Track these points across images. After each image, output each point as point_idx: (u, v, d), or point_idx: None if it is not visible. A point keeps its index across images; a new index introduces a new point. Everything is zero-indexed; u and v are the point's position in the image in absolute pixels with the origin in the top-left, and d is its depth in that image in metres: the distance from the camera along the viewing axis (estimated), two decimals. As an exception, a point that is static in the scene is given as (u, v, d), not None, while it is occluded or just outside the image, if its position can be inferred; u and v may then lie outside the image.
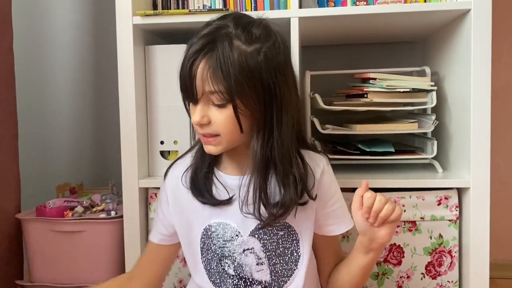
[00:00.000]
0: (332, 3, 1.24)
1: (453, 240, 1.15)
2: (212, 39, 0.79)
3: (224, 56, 0.77)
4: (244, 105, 0.79)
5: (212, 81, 0.77)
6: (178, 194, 0.93)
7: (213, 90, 0.78)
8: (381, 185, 1.13)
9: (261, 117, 0.81)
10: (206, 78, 0.78)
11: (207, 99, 0.80)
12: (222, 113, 0.80)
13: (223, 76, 0.76)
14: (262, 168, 0.83)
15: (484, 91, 1.08)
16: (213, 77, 0.77)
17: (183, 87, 0.82)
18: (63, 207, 1.32)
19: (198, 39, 0.80)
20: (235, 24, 0.81)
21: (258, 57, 0.79)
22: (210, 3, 1.22)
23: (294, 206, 0.84)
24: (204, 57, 0.78)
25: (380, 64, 1.53)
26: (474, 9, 1.07)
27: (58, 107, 1.72)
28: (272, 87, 0.80)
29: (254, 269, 0.88)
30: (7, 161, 1.37)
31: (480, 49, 1.08)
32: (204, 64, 0.78)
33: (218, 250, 0.89)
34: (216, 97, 0.79)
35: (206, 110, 0.81)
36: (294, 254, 0.89)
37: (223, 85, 0.77)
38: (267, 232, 0.87)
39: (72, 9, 1.70)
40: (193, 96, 0.80)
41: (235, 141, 0.84)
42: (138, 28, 1.18)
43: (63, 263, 1.30)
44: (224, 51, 0.77)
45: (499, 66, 1.76)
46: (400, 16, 1.15)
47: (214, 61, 0.77)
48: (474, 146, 1.09)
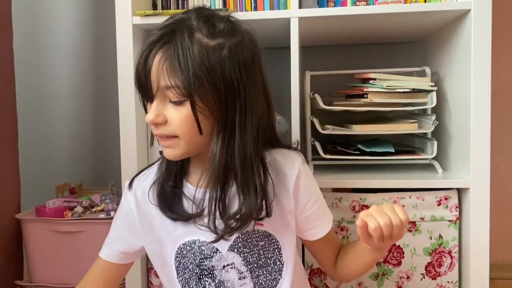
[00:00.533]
0: (332, 3, 1.24)
1: (453, 240, 1.14)
2: (171, 30, 0.73)
3: (183, 48, 0.71)
4: (203, 103, 0.73)
5: (169, 75, 0.71)
6: (146, 211, 0.86)
7: (169, 85, 0.71)
8: (381, 185, 1.14)
9: (222, 117, 0.75)
10: (161, 72, 0.71)
11: (163, 95, 0.74)
12: (179, 111, 0.73)
13: (180, 70, 0.70)
14: (220, 174, 0.76)
15: (484, 91, 1.08)
16: (169, 70, 0.71)
17: (137, 82, 0.75)
18: (63, 207, 1.32)
19: (157, 30, 0.74)
20: (198, 17, 0.75)
21: (221, 52, 0.73)
22: (210, 3, 1.22)
23: (252, 217, 0.78)
24: (160, 49, 0.72)
25: (380, 64, 1.53)
26: (474, 9, 1.07)
27: (57, 107, 1.72)
28: (235, 85, 0.74)
29: (237, 284, 0.83)
30: (7, 161, 1.37)
31: (480, 49, 1.08)
32: (160, 56, 0.72)
33: (196, 268, 0.83)
34: (172, 92, 0.72)
35: (162, 108, 0.74)
36: (278, 263, 0.85)
37: (180, 80, 0.71)
38: (246, 245, 0.82)
39: (72, 9, 1.70)
40: (148, 92, 0.74)
41: (195, 145, 0.77)
42: (137, 28, 1.18)
43: (62, 263, 1.30)
44: (183, 43, 0.71)
45: (499, 66, 1.76)
46: (400, 16, 1.15)
47: (171, 53, 0.71)
48: (474, 147, 1.09)
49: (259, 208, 0.78)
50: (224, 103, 0.74)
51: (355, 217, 1.15)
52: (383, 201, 1.14)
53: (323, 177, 1.17)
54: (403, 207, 1.12)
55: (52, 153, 1.71)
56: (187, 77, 0.70)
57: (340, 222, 1.16)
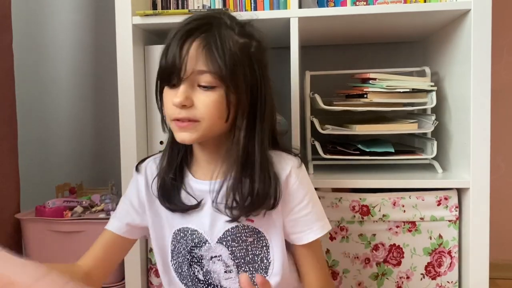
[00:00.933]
0: (331, 3, 1.24)
1: (452, 240, 1.14)
2: (208, 22, 0.79)
3: (221, 39, 0.76)
4: (233, 91, 0.78)
5: (207, 60, 0.76)
6: (153, 195, 0.89)
7: (205, 70, 0.76)
8: (381, 185, 1.13)
9: (246, 109, 0.80)
10: (200, 56, 0.76)
11: (192, 81, 0.77)
12: (208, 97, 0.77)
13: (218, 57, 0.75)
14: (241, 161, 0.80)
15: (484, 91, 1.08)
16: (208, 55, 0.76)
17: (170, 64, 0.77)
18: (63, 207, 1.32)
19: (192, 20, 0.79)
20: (229, 17, 0.82)
21: (249, 49, 0.80)
22: (210, 3, 1.22)
23: (267, 202, 0.81)
24: (199, 36, 0.77)
25: (380, 64, 1.53)
26: (474, 9, 1.07)
27: (57, 106, 1.72)
28: (258, 79, 0.81)
29: (223, 276, 0.86)
30: (7, 161, 1.37)
31: (480, 49, 1.08)
32: (199, 43, 0.76)
33: (187, 255, 0.87)
34: (206, 77, 0.76)
35: (190, 92, 0.78)
36: (264, 261, 0.86)
37: (216, 66, 0.75)
38: (235, 239, 0.84)
39: (71, 9, 1.70)
40: (179, 75, 0.77)
41: (212, 132, 0.80)
42: (137, 28, 1.18)
43: (62, 263, 1.29)
44: (221, 35, 0.77)
45: (500, 66, 1.76)
46: (400, 16, 1.15)
47: (211, 41, 0.76)
48: (474, 147, 1.09)
49: (274, 193, 0.82)
50: (249, 95, 0.81)
51: (355, 217, 1.15)
52: (383, 201, 1.14)
53: (323, 177, 1.17)
54: (403, 207, 1.13)
55: (52, 153, 1.71)
56: (223, 64, 0.75)
57: (340, 222, 1.16)
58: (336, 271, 1.17)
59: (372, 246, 1.16)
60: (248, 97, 0.80)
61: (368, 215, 1.14)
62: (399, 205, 1.14)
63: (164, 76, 0.80)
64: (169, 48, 0.78)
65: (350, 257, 1.17)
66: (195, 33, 0.77)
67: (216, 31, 0.77)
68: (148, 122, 1.23)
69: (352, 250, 1.16)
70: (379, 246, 1.16)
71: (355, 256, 1.16)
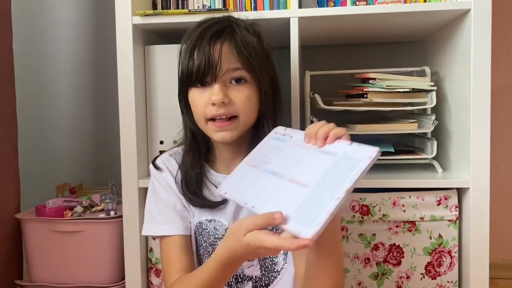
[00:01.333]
0: (331, 3, 1.24)
1: (452, 240, 1.14)
2: (229, 24, 0.86)
3: (244, 39, 0.84)
4: (262, 85, 0.86)
5: (239, 58, 0.83)
6: (176, 190, 0.92)
7: (239, 66, 0.83)
8: (381, 185, 1.13)
9: (271, 102, 0.88)
10: (231, 55, 0.83)
11: (225, 79, 0.83)
12: (242, 92, 0.84)
13: (248, 54, 0.83)
14: None
15: (484, 91, 1.08)
16: (239, 53, 0.83)
17: (200, 67, 0.82)
18: (63, 207, 1.32)
19: (212, 24, 0.86)
20: (241, 20, 0.89)
21: (264, 47, 0.89)
22: (210, 3, 1.22)
23: None
24: (226, 38, 0.83)
25: (380, 64, 1.53)
26: (474, 9, 1.07)
27: (57, 106, 1.72)
28: (275, 76, 0.91)
29: (245, 265, 0.89)
30: (7, 161, 1.37)
31: (480, 49, 1.08)
32: (228, 43, 0.83)
33: (209, 247, 0.90)
34: (240, 73, 0.83)
35: (226, 90, 0.83)
36: (284, 251, 0.89)
37: (248, 62, 0.83)
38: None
39: (72, 9, 1.70)
40: (215, 74, 0.82)
41: (247, 127, 0.87)
42: (137, 28, 1.18)
43: (62, 263, 1.30)
44: (243, 36, 0.85)
45: (500, 66, 1.76)
46: (399, 16, 1.15)
47: (238, 41, 0.83)
48: (474, 147, 1.09)
49: None
50: (272, 88, 0.89)
51: (355, 216, 1.15)
52: (382, 201, 1.14)
53: (323, 177, 1.17)
54: (403, 206, 1.13)
55: (52, 152, 1.71)
56: (253, 60, 0.84)
57: (340, 221, 1.16)
58: (336, 271, 1.17)
59: (372, 245, 1.16)
60: (272, 90, 0.89)
61: (368, 214, 1.14)
62: (399, 205, 1.14)
63: (195, 77, 0.83)
64: (195, 51, 0.83)
65: (350, 256, 1.17)
66: (222, 35, 0.83)
67: (238, 32, 0.85)
68: (148, 122, 1.23)
69: (352, 249, 1.16)
70: (379, 245, 1.16)
71: (355, 256, 1.16)
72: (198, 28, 0.86)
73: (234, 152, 0.91)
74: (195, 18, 1.13)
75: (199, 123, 0.87)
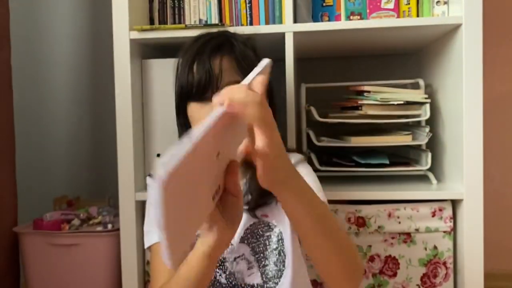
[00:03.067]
0: (326, 17, 1.26)
1: (447, 251, 1.15)
2: (226, 39, 0.88)
3: (242, 53, 0.87)
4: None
5: (238, 72, 0.85)
6: None
7: (238, 80, 0.81)
8: (376, 197, 1.15)
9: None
10: (232, 69, 0.85)
11: None
12: None
13: (247, 67, 0.84)
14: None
15: (476, 103, 1.10)
16: (239, 67, 0.85)
17: (201, 81, 0.83)
18: (60, 220, 1.32)
19: (210, 39, 0.87)
20: (237, 35, 0.91)
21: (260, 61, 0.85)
22: (206, 18, 1.24)
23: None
24: (226, 52, 0.85)
25: (374, 76, 1.54)
26: (466, 24, 1.09)
27: (55, 120, 1.73)
28: (271, 90, 0.92)
29: (246, 273, 0.90)
30: (4, 174, 1.37)
31: (471, 62, 1.10)
32: (228, 57, 0.85)
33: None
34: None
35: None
36: (281, 254, 0.89)
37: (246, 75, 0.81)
38: (253, 235, 0.89)
39: (69, 24, 1.71)
40: (216, 88, 0.82)
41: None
42: (135, 42, 1.19)
43: (60, 275, 1.30)
44: (241, 50, 0.87)
45: (493, 78, 1.78)
46: (393, 30, 1.17)
47: (237, 54, 0.86)
48: (467, 158, 1.10)
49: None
50: (270, 100, 0.88)
51: (351, 228, 1.16)
52: (378, 213, 1.15)
53: (318, 189, 1.18)
54: (398, 218, 1.14)
55: (49, 165, 1.72)
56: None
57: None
58: (332, 283, 1.18)
59: (368, 257, 1.16)
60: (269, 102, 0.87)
61: (363, 226, 1.15)
62: (394, 217, 1.15)
63: (196, 91, 0.84)
64: (194, 65, 0.84)
65: (346, 268, 1.17)
66: (221, 49, 0.85)
67: (236, 47, 0.87)
68: (145, 136, 1.24)
69: (348, 261, 1.17)
70: (374, 257, 1.16)
71: (351, 268, 1.17)
72: (196, 43, 0.88)
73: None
74: (192, 33, 1.14)
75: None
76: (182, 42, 1.20)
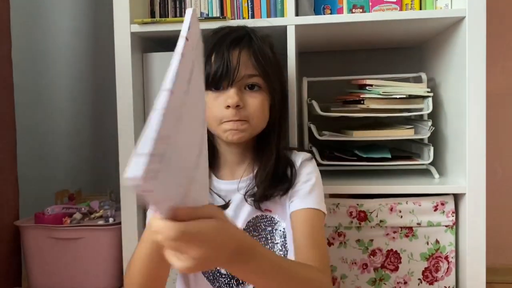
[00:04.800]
0: (328, 10, 1.25)
1: (449, 245, 1.15)
2: (246, 33, 0.90)
3: (261, 48, 0.88)
4: (274, 92, 0.90)
5: (255, 65, 0.86)
6: None
7: (255, 73, 0.87)
8: (378, 191, 1.14)
9: (280, 111, 0.92)
10: (248, 62, 0.86)
11: (241, 84, 0.86)
12: (256, 98, 0.87)
13: (264, 62, 0.87)
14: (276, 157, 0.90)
15: (479, 97, 1.09)
16: (256, 61, 0.86)
17: (218, 71, 0.85)
18: (62, 214, 1.32)
19: (230, 32, 0.89)
20: (255, 30, 0.93)
21: (277, 58, 0.93)
22: (208, 11, 1.23)
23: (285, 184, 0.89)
24: (245, 45, 0.87)
25: (377, 70, 1.53)
26: (469, 16, 1.08)
27: (56, 114, 1.72)
28: (285, 86, 0.96)
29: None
30: (6, 168, 1.37)
31: (475, 55, 1.09)
32: (246, 51, 0.87)
33: None
34: (255, 80, 0.87)
35: (241, 95, 0.86)
36: (283, 250, 0.89)
37: (264, 70, 0.87)
38: (256, 229, 0.90)
39: (70, 17, 1.71)
40: (232, 79, 0.85)
41: (258, 131, 0.90)
42: (136, 36, 1.19)
43: (61, 269, 1.30)
44: (260, 45, 0.89)
45: (496, 71, 1.76)
46: (396, 23, 1.16)
47: (255, 49, 0.87)
48: (470, 152, 1.10)
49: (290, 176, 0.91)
50: (281, 98, 0.93)
51: (352, 222, 1.16)
52: (380, 207, 1.14)
53: (320, 183, 1.18)
54: (400, 212, 1.13)
55: (50, 159, 1.72)
56: (268, 69, 0.88)
57: (338, 227, 1.17)
58: (334, 277, 1.18)
59: (369, 251, 1.16)
60: (282, 99, 0.94)
61: (365, 220, 1.15)
62: (396, 211, 1.14)
63: (211, 81, 0.86)
64: (212, 56, 0.86)
65: (347, 262, 1.17)
66: (241, 42, 0.87)
67: (255, 42, 0.89)
68: (146, 129, 1.23)
69: (349, 255, 1.17)
70: (376, 251, 1.16)
71: (353, 262, 1.17)
72: (215, 35, 0.90)
73: (239, 158, 0.93)
74: (193, 26, 1.14)
75: (211, 125, 0.88)
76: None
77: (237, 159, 0.93)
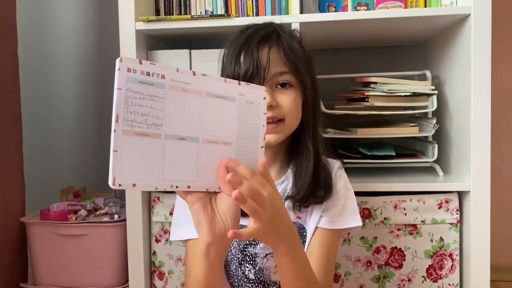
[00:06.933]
0: (333, 8, 1.25)
1: (454, 243, 1.15)
2: (275, 30, 0.87)
3: (290, 43, 0.86)
4: (306, 89, 0.87)
5: (286, 62, 0.84)
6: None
7: (286, 71, 0.84)
8: (382, 188, 1.14)
9: (313, 107, 0.89)
10: (279, 60, 0.84)
11: (272, 83, 0.85)
12: (288, 95, 0.85)
13: (295, 59, 0.85)
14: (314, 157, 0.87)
15: (484, 95, 1.09)
16: (286, 58, 0.84)
17: (248, 70, 0.82)
18: (67, 210, 1.33)
19: (258, 29, 0.87)
20: (283, 26, 0.91)
21: (306, 54, 0.90)
22: (212, 9, 1.23)
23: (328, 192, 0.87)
24: (274, 43, 0.85)
25: (381, 68, 1.54)
26: (474, 14, 1.08)
27: (61, 111, 1.73)
28: (316, 82, 0.91)
29: (272, 271, 0.89)
30: (12, 165, 1.38)
31: (480, 53, 1.08)
32: (276, 48, 0.84)
33: (238, 253, 0.88)
34: (287, 77, 0.85)
35: (272, 94, 0.84)
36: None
37: (295, 67, 0.85)
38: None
39: (75, 15, 1.72)
40: (263, 78, 0.83)
41: (292, 129, 0.87)
42: (141, 33, 1.19)
43: (66, 266, 1.31)
44: (289, 42, 0.86)
45: (501, 69, 1.76)
46: (400, 21, 1.16)
47: (285, 46, 0.85)
48: (474, 150, 1.10)
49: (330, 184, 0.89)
50: (314, 94, 0.89)
51: (357, 220, 1.16)
52: (384, 204, 1.15)
53: (324, 180, 1.18)
54: (404, 210, 1.13)
55: (56, 157, 1.73)
56: (300, 65, 0.85)
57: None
58: (338, 274, 1.18)
59: (373, 249, 1.17)
60: (314, 96, 0.89)
61: (369, 218, 1.15)
62: (400, 208, 1.14)
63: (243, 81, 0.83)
64: (241, 55, 0.84)
65: (351, 260, 1.17)
66: (269, 40, 0.85)
67: (284, 38, 0.86)
68: (151, 127, 1.24)
69: (353, 253, 1.17)
70: (380, 249, 1.16)
71: (357, 259, 1.17)
72: (243, 34, 0.88)
73: (272, 158, 0.91)
74: (198, 23, 1.15)
75: None
76: (188, 33, 1.21)
77: (269, 159, 0.90)
